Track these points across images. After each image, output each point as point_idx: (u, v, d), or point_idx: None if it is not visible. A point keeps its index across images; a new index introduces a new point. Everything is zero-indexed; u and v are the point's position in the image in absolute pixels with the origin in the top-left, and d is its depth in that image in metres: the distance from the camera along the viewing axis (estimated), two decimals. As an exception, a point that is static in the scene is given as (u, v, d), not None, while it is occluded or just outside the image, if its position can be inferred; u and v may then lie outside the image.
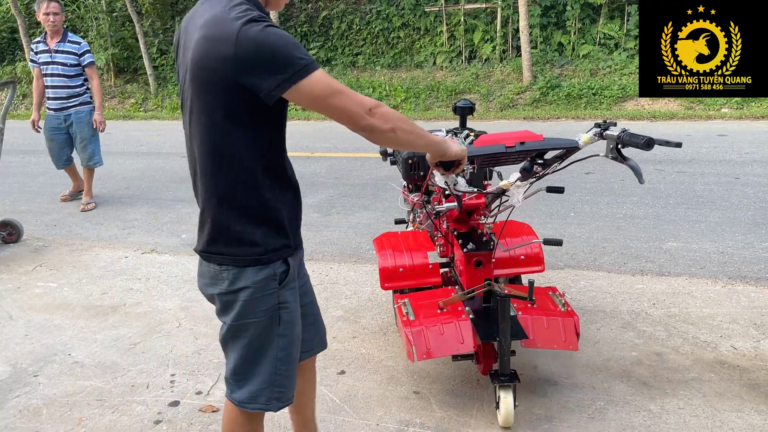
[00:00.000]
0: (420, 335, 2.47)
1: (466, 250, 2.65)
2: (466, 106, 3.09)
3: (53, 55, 5.53)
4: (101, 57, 13.76)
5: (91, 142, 5.78)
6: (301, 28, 13.57)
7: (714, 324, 3.24)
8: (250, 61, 1.49)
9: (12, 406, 2.74)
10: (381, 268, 2.87)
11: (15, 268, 4.41)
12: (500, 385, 2.44)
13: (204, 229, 1.71)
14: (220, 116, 1.58)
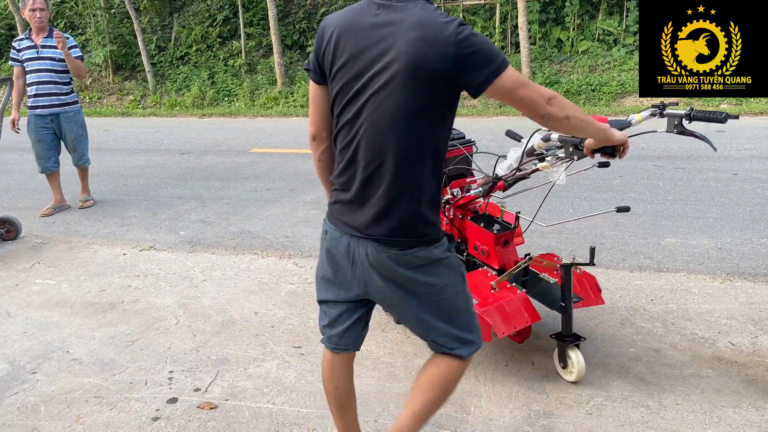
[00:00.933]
0: (492, 315, 2.62)
1: (496, 231, 2.88)
2: None
3: (40, 51, 5.41)
4: (99, 54, 13.74)
5: (81, 141, 5.72)
6: (300, 25, 13.54)
7: (712, 320, 3.24)
8: (467, 60, 1.67)
9: (10, 403, 2.74)
10: None
11: (13, 265, 4.41)
12: (570, 346, 2.71)
13: (391, 216, 1.79)
14: (428, 110, 1.73)
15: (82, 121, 5.73)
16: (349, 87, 1.79)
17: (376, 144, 1.77)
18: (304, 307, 3.55)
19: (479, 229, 2.99)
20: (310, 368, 2.92)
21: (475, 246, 3.06)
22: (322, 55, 1.85)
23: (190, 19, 14.23)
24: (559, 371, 2.81)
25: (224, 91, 12.80)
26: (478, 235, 3.01)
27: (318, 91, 1.92)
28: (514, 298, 2.73)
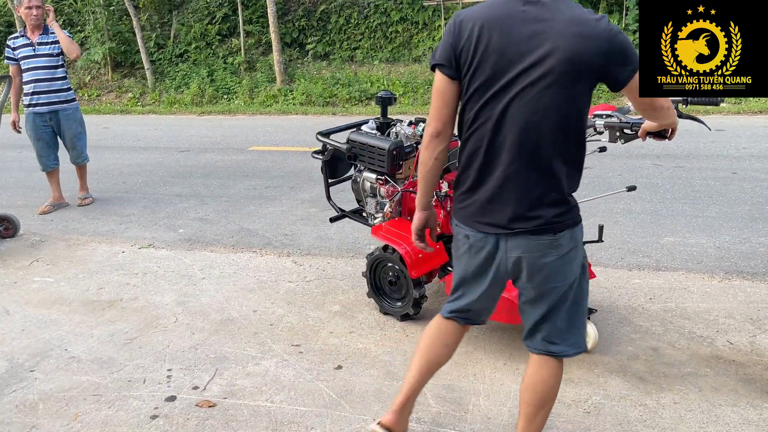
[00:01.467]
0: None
1: None
2: (386, 97, 3.44)
3: (36, 48, 5.37)
4: (98, 51, 13.71)
5: (80, 138, 5.70)
6: (299, 23, 13.52)
7: (710, 319, 3.24)
8: (618, 55, 1.82)
9: (8, 401, 2.74)
10: (407, 259, 3.08)
11: (12, 262, 4.40)
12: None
13: (541, 206, 1.85)
14: (578, 103, 1.84)
15: (80, 119, 5.70)
16: (493, 82, 1.82)
17: (526, 138, 1.82)
18: (303, 306, 3.55)
19: None
20: (308, 366, 2.92)
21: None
22: (460, 50, 1.85)
23: (189, 17, 14.21)
24: None
25: (223, 89, 12.78)
26: None
27: (450, 86, 1.91)
28: None
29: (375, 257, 3.35)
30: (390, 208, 3.42)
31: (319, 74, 12.78)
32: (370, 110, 11.19)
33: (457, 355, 2.95)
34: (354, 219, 3.82)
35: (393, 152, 3.23)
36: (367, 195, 3.56)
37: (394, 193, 3.40)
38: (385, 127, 3.50)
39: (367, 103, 11.72)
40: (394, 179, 3.36)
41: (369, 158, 3.35)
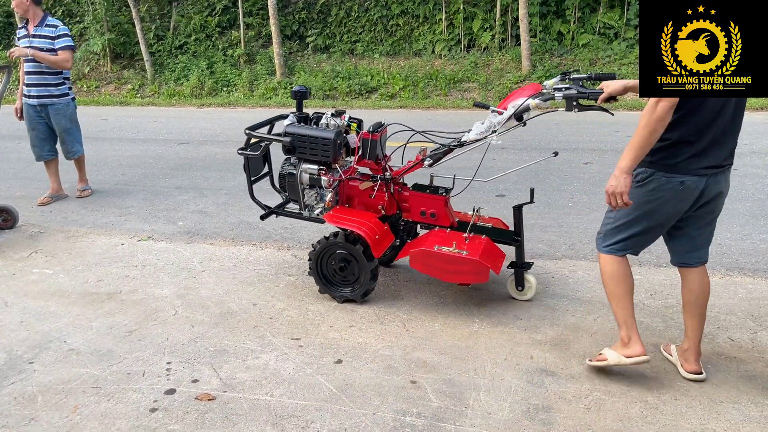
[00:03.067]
0: (485, 258, 3.16)
1: (445, 194, 3.49)
2: (302, 91, 3.63)
3: (32, 40, 5.31)
4: (97, 42, 13.65)
5: (69, 134, 5.59)
6: (299, 15, 13.47)
7: (711, 315, 3.23)
8: None
9: (7, 393, 2.73)
10: (370, 240, 3.25)
11: (10, 254, 4.38)
12: (526, 271, 3.41)
13: (733, 147, 2.58)
14: None
15: (71, 114, 5.58)
16: None
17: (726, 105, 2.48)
18: (303, 299, 3.54)
19: (427, 196, 3.51)
20: (308, 360, 2.91)
21: (422, 212, 3.52)
22: None
23: (189, 8, 14.15)
24: (515, 295, 3.46)
25: (223, 81, 12.73)
26: (426, 201, 3.51)
27: None
28: (487, 242, 3.32)
29: (322, 247, 3.43)
30: (331, 197, 3.54)
31: (319, 67, 12.74)
32: (370, 103, 11.16)
33: (458, 350, 2.95)
34: (283, 214, 3.88)
35: (337, 141, 3.40)
36: (305, 187, 3.61)
37: (335, 181, 3.52)
38: (303, 121, 3.61)
39: (367, 96, 11.68)
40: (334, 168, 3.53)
41: (311, 149, 3.45)
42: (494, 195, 5.40)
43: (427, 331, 3.16)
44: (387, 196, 3.53)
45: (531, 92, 3.13)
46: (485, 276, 3.16)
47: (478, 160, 3.45)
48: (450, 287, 3.63)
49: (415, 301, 3.50)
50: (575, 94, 2.93)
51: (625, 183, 2.44)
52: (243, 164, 3.80)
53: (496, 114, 3.20)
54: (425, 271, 3.30)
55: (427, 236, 3.42)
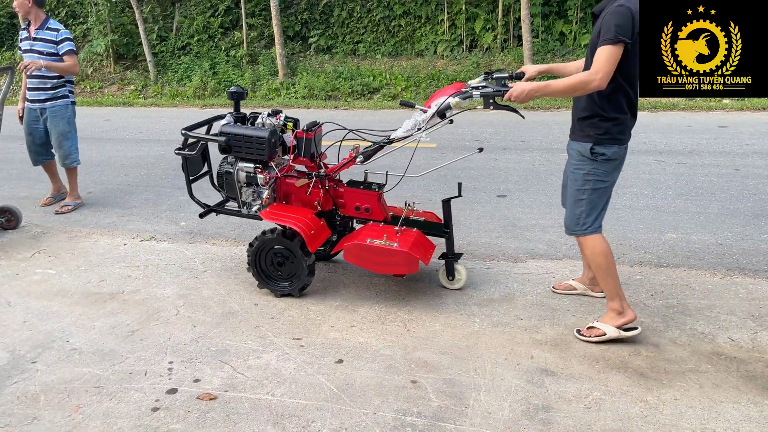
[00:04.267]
0: (415, 250, 3.31)
1: (379, 190, 3.64)
2: (238, 92, 3.75)
3: (32, 43, 5.19)
4: (101, 43, 13.67)
5: (67, 138, 5.38)
6: (302, 16, 13.48)
7: (712, 315, 3.24)
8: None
9: (10, 392, 2.74)
10: (305, 235, 3.37)
11: (13, 254, 4.40)
12: (456, 262, 3.59)
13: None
14: None
15: (69, 117, 5.39)
16: (634, 49, 2.71)
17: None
18: (304, 299, 3.55)
19: (361, 191, 3.64)
20: (309, 360, 2.92)
21: (357, 207, 3.65)
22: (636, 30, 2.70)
23: (191, 9, 14.17)
24: (446, 284, 3.63)
25: (226, 82, 12.75)
26: (360, 197, 3.64)
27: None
28: (418, 234, 3.48)
29: (260, 243, 3.51)
30: (268, 194, 3.66)
31: (321, 68, 12.76)
32: (372, 104, 11.17)
33: (458, 349, 2.96)
34: (223, 212, 3.98)
35: (272, 140, 3.51)
36: (242, 185, 3.71)
37: (271, 179, 3.64)
38: (240, 121, 3.71)
39: (369, 97, 11.69)
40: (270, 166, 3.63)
41: (246, 148, 3.55)
42: (495, 195, 5.41)
43: (427, 331, 3.17)
44: (322, 193, 3.65)
45: (452, 91, 3.27)
46: (415, 267, 3.32)
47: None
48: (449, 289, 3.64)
49: (416, 301, 3.50)
50: (491, 93, 3.06)
51: (529, 95, 2.90)
52: (181, 164, 3.89)
53: (421, 112, 3.35)
54: (359, 264, 3.43)
55: (361, 230, 3.54)
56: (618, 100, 2.86)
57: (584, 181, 3.01)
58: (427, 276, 3.82)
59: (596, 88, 2.74)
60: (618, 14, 2.68)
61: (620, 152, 2.97)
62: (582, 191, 3.03)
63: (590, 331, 3.05)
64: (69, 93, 5.42)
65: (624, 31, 2.66)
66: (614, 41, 2.67)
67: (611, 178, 3.02)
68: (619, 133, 2.92)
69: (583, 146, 2.99)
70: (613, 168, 2.99)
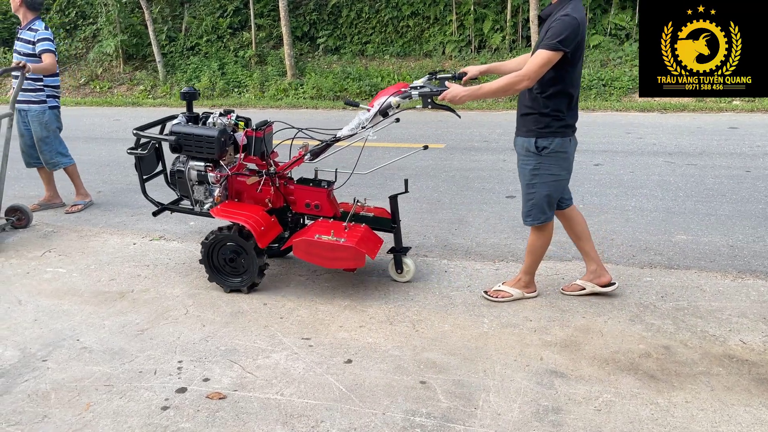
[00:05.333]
0: (362, 245, 3.41)
1: (327, 186, 3.72)
2: (191, 92, 3.86)
3: (16, 43, 5.07)
4: (110, 43, 13.74)
5: (45, 143, 5.18)
6: (310, 17, 13.50)
7: (723, 318, 3.22)
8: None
9: (21, 390, 2.76)
10: (255, 231, 3.45)
11: (24, 253, 4.43)
12: (404, 256, 3.71)
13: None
14: None
15: (46, 122, 5.15)
16: (579, 54, 2.95)
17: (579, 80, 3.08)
18: (313, 299, 3.56)
19: (310, 188, 3.75)
20: (318, 360, 2.92)
21: (306, 203, 3.75)
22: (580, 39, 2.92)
23: (200, 10, 14.22)
24: (396, 277, 3.74)
25: (234, 82, 12.78)
26: (309, 194, 3.74)
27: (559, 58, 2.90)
28: (365, 230, 3.57)
29: (213, 240, 3.60)
30: (219, 192, 3.75)
31: (329, 68, 12.77)
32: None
33: (467, 350, 2.96)
34: (176, 210, 4.10)
35: (221, 139, 3.59)
36: (194, 183, 3.81)
37: (222, 177, 3.73)
38: (193, 120, 3.80)
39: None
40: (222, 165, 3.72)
41: (196, 147, 3.64)
42: (504, 196, 5.39)
43: (436, 332, 3.16)
44: (273, 190, 3.74)
45: (394, 90, 3.41)
46: (362, 261, 3.43)
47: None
48: (458, 288, 3.64)
49: (425, 302, 3.50)
50: (428, 93, 3.19)
51: (462, 99, 3.06)
52: (134, 163, 3.99)
53: (365, 111, 3.48)
54: (308, 259, 3.51)
55: (310, 227, 3.66)
56: (560, 101, 3.03)
57: (531, 175, 3.18)
58: (436, 277, 3.81)
59: (524, 89, 2.98)
60: (564, 23, 2.84)
61: (564, 145, 3.10)
62: (531, 185, 3.20)
63: (496, 293, 3.46)
64: (47, 98, 5.16)
65: (566, 41, 2.83)
66: (553, 48, 2.84)
67: (559, 171, 3.15)
68: (560, 127, 3.07)
69: (527, 141, 3.14)
70: (560, 160, 3.12)
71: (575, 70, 3.01)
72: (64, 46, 14.87)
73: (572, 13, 2.86)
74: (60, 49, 14.65)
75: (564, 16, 2.87)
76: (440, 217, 3.71)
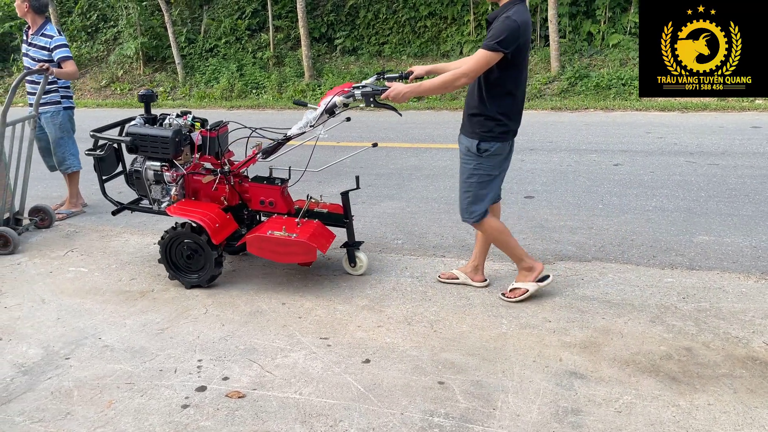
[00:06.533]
0: (313, 239, 3.54)
1: (281, 184, 3.84)
2: (148, 95, 4.02)
3: (28, 48, 5.05)
4: (131, 46, 13.91)
5: (59, 144, 5.19)
6: (328, 18, 13.55)
7: (746, 319, 3.17)
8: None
9: (44, 387, 2.80)
10: (210, 228, 3.55)
11: (47, 252, 4.50)
12: (356, 250, 3.84)
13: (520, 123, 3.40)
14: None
15: (61, 124, 5.17)
16: (522, 56, 3.09)
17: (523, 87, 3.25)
18: (331, 299, 3.57)
19: (264, 186, 3.86)
20: (336, 359, 2.93)
21: (261, 201, 3.87)
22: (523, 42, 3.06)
23: (219, 12, 14.33)
24: (349, 270, 3.87)
25: (252, 83, 12.86)
26: (263, 191, 3.85)
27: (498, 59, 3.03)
28: (318, 225, 3.70)
29: (170, 237, 3.70)
30: (176, 191, 3.85)
31: (347, 69, 12.79)
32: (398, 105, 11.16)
33: (486, 351, 2.95)
34: (136, 209, 4.20)
35: (176, 139, 3.71)
36: (151, 183, 3.92)
37: (178, 176, 3.83)
38: (151, 122, 3.92)
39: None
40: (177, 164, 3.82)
41: (152, 148, 3.75)
42: (522, 196, 5.37)
43: (454, 332, 3.16)
44: (228, 189, 3.85)
45: (339, 90, 3.52)
46: (313, 255, 3.58)
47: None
48: (476, 289, 3.62)
49: (443, 302, 3.49)
50: (370, 92, 3.30)
51: (404, 96, 3.20)
52: (93, 165, 4.10)
53: (312, 110, 3.60)
54: (261, 254, 3.63)
55: (264, 223, 3.77)
56: (504, 103, 3.19)
57: (470, 174, 3.33)
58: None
59: (462, 86, 3.15)
60: (504, 25, 2.98)
61: (504, 148, 3.30)
62: (469, 183, 3.35)
63: (513, 293, 3.46)
64: (61, 99, 5.18)
65: (504, 43, 2.96)
66: (491, 48, 2.98)
67: (496, 171, 3.34)
68: (502, 132, 3.23)
69: (470, 142, 3.28)
70: (498, 162, 3.31)
71: (520, 73, 3.17)
72: (86, 48, 15.08)
73: (513, 15, 2.99)
74: (81, 52, 14.87)
75: (505, 19, 3.00)
76: (458, 218, 3.70)
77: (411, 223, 4.86)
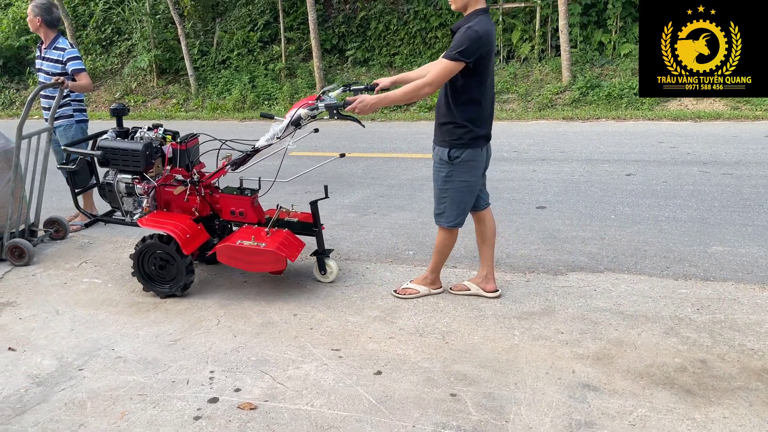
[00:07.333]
0: (282, 249, 3.60)
1: (250, 194, 3.93)
2: (120, 109, 4.11)
3: (41, 62, 5.07)
4: (144, 58, 14.06)
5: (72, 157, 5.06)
6: (339, 29, 13.63)
7: (762, 331, 3.13)
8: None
9: (58, 398, 2.82)
10: (180, 239, 3.60)
11: (62, 263, 4.54)
12: (326, 258, 3.91)
13: (491, 128, 3.45)
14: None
15: (73, 137, 5.10)
16: (485, 64, 3.20)
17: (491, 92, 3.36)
18: (342, 310, 3.57)
19: (234, 197, 3.94)
20: (348, 371, 2.93)
21: (232, 211, 3.94)
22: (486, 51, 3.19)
23: (231, 24, 14.47)
24: (320, 278, 3.94)
25: (264, 95, 12.94)
26: (234, 202, 3.93)
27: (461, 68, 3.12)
28: (287, 234, 3.77)
29: (142, 248, 3.76)
30: (148, 203, 3.94)
31: (358, 80, 12.85)
32: (409, 116, 11.20)
33: (498, 363, 2.93)
34: (109, 221, 4.33)
35: (146, 152, 3.80)
36: (123, 195, 4.03)
37: (150, 188, 3.91)
38: (123, 135, 3.99)
39: (405, 108, 11.73)
40: (147, 177, 3.90)
41: (123, 161, 3.84)
42: (534, 207, 5.35)
43: (466, 344, 3.14)
44: (199, 199, 3.91)
45: (304, 103, 3.61)
46: (282, 264, 3.68)
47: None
48: (488, 300, 3.61)
49: (455, 313, 3.48)
50: (333, 105, 3.38)
51: (372, 107, 3.27)
52: (65, 177, 4.22)
53: (278, 122, 3.65)
54: (232, 264, 3.69)
55: (234, 233, 3.83)
56: (470, 110, 3.26)
57: (444, 181, 3.40)
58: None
59: (427, 95, 3.25)
60: (465, 36, 3.07)
61: (476, 155, 3.34)
62: (444, 190, 3.42)
63: (405, 291, 3.67)
64: (74, 112, 5.17)
65: (465, 53, 3.06)
66: (453, 58, 3.08)
67: (470, 177, 3.37)
68: (471, 139, 3.29)
69: (442, 150, 3.36)
70: (471, 168, 3.35)
71: (485, 80, 3.26)
72: (101, 61, 15.25)
73: (475, 26, 3.08)
74: (96, 65, 15.04)
75: (467, 29, 3.09)
76: (469, 228, 3.70)
77: (422, 233, 4.86)
